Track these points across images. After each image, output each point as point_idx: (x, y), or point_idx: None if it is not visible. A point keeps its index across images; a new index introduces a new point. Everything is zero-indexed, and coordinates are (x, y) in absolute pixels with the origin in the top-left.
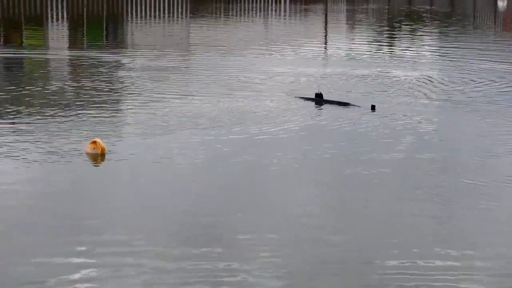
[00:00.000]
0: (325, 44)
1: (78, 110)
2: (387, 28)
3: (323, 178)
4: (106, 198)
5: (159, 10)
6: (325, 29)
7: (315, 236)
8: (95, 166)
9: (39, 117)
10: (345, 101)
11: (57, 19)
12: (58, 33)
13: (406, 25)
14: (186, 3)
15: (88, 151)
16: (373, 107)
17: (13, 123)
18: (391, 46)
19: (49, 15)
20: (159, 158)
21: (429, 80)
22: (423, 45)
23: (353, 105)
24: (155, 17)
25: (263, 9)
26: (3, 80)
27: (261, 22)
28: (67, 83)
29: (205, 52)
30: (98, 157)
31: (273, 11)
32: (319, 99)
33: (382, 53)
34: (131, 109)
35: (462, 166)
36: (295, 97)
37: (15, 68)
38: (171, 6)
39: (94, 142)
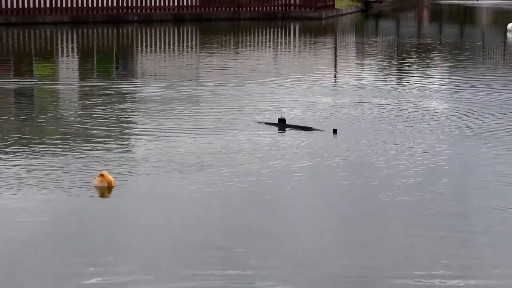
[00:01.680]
0: (334, 74)
1: (87, 142)
2: (396, 59)
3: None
4: (113, 232)
5: (169, 42)
6: (335, 60)
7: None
8: (101, 199)
9: (47, 149)
10: (308, 126)
11: (67, 51)
12: (68, 64)
13: (415, 57)
14: (196, 35)
15: (96, 184)
16: (334, 131)
17: (21, 154)
18: (399, 77)
19: (59, 47)
20: (167, 192)
21: (437, 111)
22: (432, 76)
23: (316, 129)
24: (165, 48)
25: (272, 41)
26: (12, 110)
27: (271, 53)
28: (76, 113)
29: (214, 82)
30: (105, 190)
31: (283, 43)
32: (282, 124)
33: (391, 84)
34: (140, 141)
35: (479, 191)
36: (258, 123)
37: (25, 98)
38: (181, 38)
39: (102, 175)
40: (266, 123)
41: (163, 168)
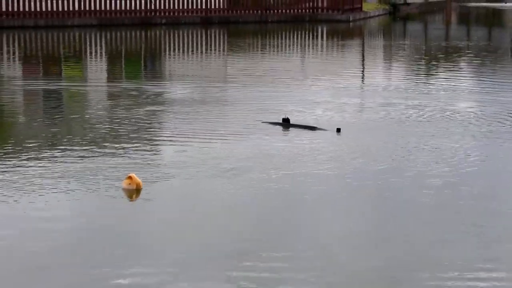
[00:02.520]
0: (362, 77)
1: (115, 143)
2: (424, 62)
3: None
4: (142, 235)
5: (197, 44)
6: (362, 63)
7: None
8: (129, 202)
9: (75, 151)
10: (312, 125)
11: (95, 53)
12: (96, 66)
13: (443, 59)
14: (223, 38)
15: (124, 186)
16: (338, 130)
17: (49, 156)
18: (427, 79)
19: (87, 49)
20: (196, 195)
21: (466, 113)
22: (460, 78)
23: (320, 128)
24: (192, 51)
25: (300, 43)
26: (41, 112)
27: (299, 56)
28: (104, 115)
29: (242, 84)
30: (133, 192)
31: (310, 46)
32: (285, 124)
33: (419, 86)
34: (168, 143)
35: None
36: (263, 122)
37: (53, 100)
38: (208, 41)
39: (130, 178)
40: (271, 123)
41: (191, 171)
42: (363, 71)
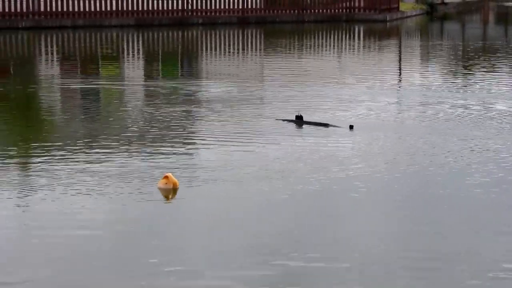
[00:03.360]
0: (399, 76)
1: (152, 142)
2: (461, 61)
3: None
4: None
5: (234, 44)
6: (399, 62)
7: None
8: (166, 202)
9: (112, 149)
10: (325, 122)
11: (133, 53)
12: (133, 65)
13: (481, 59)
14: (260, 37)
15: (161, 186)
16: (351, 127)
17: (86, 154)
18: (465, 79)
19: (125, 48)
20: (232, 195)
21: (506, 112)
22: (498, 78)
23: (333, 125)
24: (229, 50)
25: (337, 43)
26: (78, 110)
27: (336, 55)
28: (140, 114)
29: (279, 84)
30: (170, 192)
31: (347, 45)
32: (299, 121)
33: (457, 85)
34: (204, 144)
35: None
36: (276, 119)
37: (91, 98)
38: (245, 40)
39: (166, 177)
40: (284, 120)
41: (226, 171)
42: (400, 71)
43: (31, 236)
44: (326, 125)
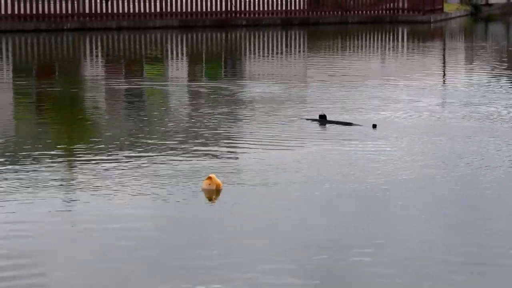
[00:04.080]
0: (443, 78)
1: (196, 144)
2: (506, 64)
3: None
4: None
5: (277, 45)
6: (443, 64)
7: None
8: (209, 203)
9: (155, 150)
10: (348, 121)
11: (176, 54)
12: (177, 66)
13: None
14: (304, 39)
15: (204, 187)
16: (374, 126)
17: (129, 156)
18: (509, 82)
19: (169, 50)
20: (274, 198)
21: None
22: None
23: (356, 124)
24: (273, 52)
25: (381, 45)
26: (122, 110)
27: (380, 57)
28: (184, 115)
29: (322, 84)
30: (213, 193)
31: (391, 47)
32: (322, 120)
33: (501, 88)
34: (247, 146)
35: None
36: (300, 119)
37: (135, 99)
38: (289, 42)
39: (210, 178)
40: (308, 119)
41: (270, 173)
42: (444, 72)
43: (79, 234)
44: (349, 124)
